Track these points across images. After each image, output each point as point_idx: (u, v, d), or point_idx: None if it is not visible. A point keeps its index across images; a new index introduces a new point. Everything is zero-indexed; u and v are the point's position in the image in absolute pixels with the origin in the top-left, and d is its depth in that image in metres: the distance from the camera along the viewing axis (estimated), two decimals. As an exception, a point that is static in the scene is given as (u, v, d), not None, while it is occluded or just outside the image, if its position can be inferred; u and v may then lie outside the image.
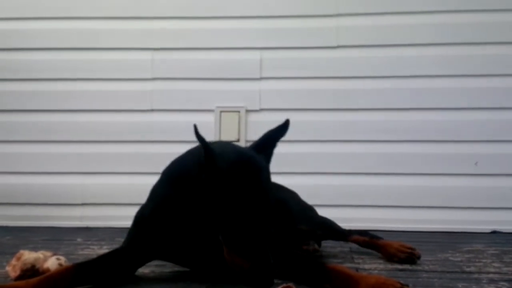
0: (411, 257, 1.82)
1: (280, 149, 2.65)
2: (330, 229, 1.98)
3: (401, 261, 1.82)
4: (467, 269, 1.74)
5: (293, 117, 2.68)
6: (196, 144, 1.42)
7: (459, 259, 1.93)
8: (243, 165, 1.32)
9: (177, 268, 1.65)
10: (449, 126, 2.71)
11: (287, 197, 1.97)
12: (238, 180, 1.29)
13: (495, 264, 1.83)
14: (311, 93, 2.78)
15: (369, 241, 1.97)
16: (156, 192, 1.54)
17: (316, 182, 2.71)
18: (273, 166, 1.59)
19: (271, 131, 1.47)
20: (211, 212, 1.32)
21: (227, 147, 1.43)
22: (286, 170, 2.66)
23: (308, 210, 2.00)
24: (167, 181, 1.51)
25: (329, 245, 2.11)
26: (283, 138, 1.50)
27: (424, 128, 2.72)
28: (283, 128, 1.47)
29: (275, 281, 1.27)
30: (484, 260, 1.90)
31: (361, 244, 1.99)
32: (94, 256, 1.53)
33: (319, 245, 2.02)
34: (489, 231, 2.64)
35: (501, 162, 2.67)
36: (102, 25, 2.87)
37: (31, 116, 2.86)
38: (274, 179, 2.02)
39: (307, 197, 2.04)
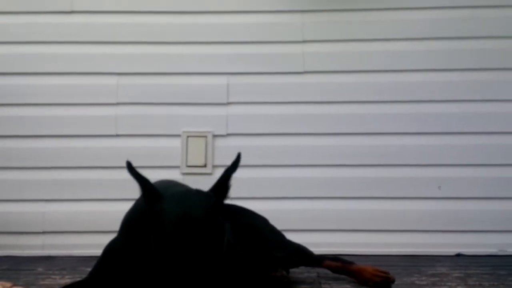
0: (386, 281, 1.83)
1: (248, 174, 2.68)
2: (303, 255, 1.96)
3: (376, 285, 1.81)
4: (433, 293, 1.75)
5: (260, 142, 2.77)
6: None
7: (424, 282, 1.94)
8: (181, 219, 1.24)
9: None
10: (412, 150, 2.76)
11: (260, 223, 1.95)
12: (173, 239, 1.22)
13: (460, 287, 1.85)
14: (278, 118, 2.79)
15: (341, 266, 1.96)
16: (128, 224, 1.51)
17: (283, 207, 2.70)
18: (242, 191, 1.61)
19: (227, 168, 1.43)
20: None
21: (171, 193, 1.37)
22: (254, 195, 2.65)
23: (280, 236, 1.99)
24: (139, 213, 1.48)
25: (296, 271, 2.09)
26: (251, 163, 1.48)
27: (389, 152, 2.76)
28: (235, 162, 1.43)
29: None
30: (449, 283, 1.92)
31: (333, 269, 1.97)
32: (56, 287, 1.48)
33: (287, 271, 2.00)
34: (454, 254, 2.68)
35: (464, 185, 2.72)
36: (66, 50, 2.83)
37: (-11, 142, 2.78)
38: (243, 204, 2.02)
39: (274, 222, 2.03)
